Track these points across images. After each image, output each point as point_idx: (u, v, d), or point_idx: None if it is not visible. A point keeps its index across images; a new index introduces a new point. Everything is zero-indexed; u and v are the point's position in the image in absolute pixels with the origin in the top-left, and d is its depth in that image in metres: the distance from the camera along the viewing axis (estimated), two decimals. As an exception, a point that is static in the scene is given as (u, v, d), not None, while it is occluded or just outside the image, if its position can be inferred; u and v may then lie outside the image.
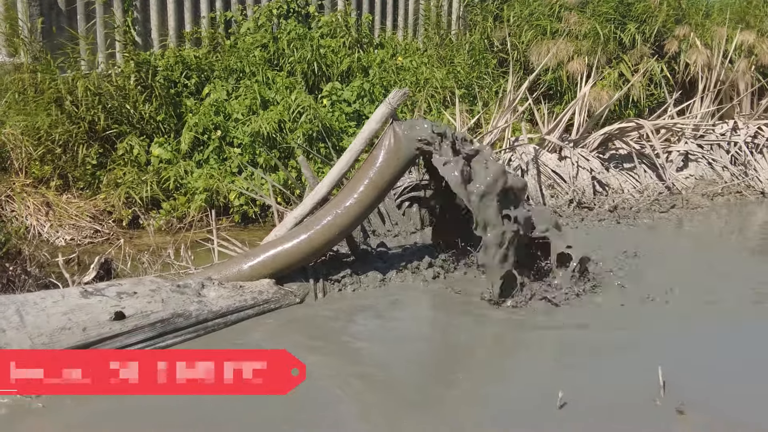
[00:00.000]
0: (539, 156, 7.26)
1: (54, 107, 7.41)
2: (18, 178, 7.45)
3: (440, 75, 9.26)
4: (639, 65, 9.50)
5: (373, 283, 5.21)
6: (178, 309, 4.42)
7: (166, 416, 3.62)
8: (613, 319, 4.91)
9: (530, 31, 9.62)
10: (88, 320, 4.07)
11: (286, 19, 9.21)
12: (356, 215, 5.03)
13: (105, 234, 7.34)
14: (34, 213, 7.28)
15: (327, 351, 4.49)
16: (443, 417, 3.74)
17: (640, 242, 6.24)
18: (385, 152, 5.01)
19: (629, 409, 3.83)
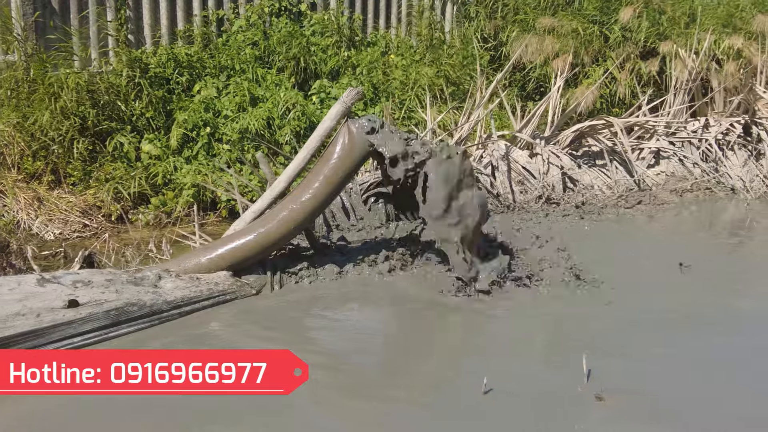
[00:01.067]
0: (510, 153, 7.36)
1: (46, 104, 7.61)
2: (10, 173, 7.68)
3: (430, 73, 9.36)
4: (626, 63, 9.56)
5: (330, 275, 5.35)
6: (133, 298, 4.58)
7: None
8: (549, 309, 5.05)
9: (515, 26, 9.69)
10: (42, 307, 4.25)
11: (278, 17, 9.37)
12: (311, 210, 5.18)
13: (93, 228, 7.54)
14: (24, 207, 7.51)
15: (278, 340, 4.63)
16: (375, 401, 3.91)
17: (597, 237, 6.40)
18: (339, 149, 5.15)
19: (550, 396, 3.95)
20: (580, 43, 9.54)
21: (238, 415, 3.72)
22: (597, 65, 9.76)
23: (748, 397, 4.01)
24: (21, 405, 3.72)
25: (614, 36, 9.62)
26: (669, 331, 4.78)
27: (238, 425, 3.66)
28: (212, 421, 3.68)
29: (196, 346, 4.45)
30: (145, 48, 8.77)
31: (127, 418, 3.69)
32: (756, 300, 5.46)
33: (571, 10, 9.96)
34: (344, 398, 3.97)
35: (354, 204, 6.44)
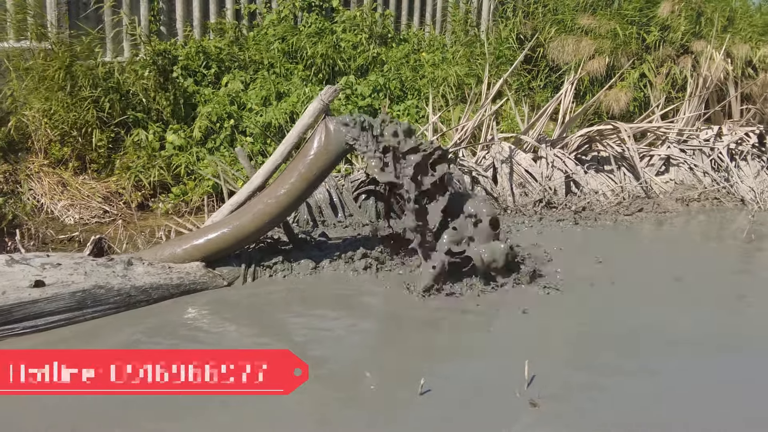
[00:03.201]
0: (514, 155, 7.28)
1: (75, 92, 7.87)
2: (37, 158, 7.97)
3: (461, 71, 9.32)
4: (662, 67, 9.34)
5: (305, 270, 5.42)
6: (101, 281, 4.73)
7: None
8: (511, 313, 5.02)
9: (553, 27, 9.57)
10: (8, 285, 4.42)
11: (309, 13, 9.47)
12: (286, 205, 5.25)
13: (113, 215, 7.76)
14: (48, 192, 7.78)
15: (243, 332, 4.80)
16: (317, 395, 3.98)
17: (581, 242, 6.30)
18: (316, 146, 5.21)
19: (487, 400, 3.96)
20: (618, 44, 9.35)
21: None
22: (633, 68, 9.56)
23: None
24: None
25: (651, 38, 9.41)
26: (628, 344, 4.69)
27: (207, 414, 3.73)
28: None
29: (161, 334, 4.60)
30: (175, 40, 8.98)
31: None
32: (744, 317, 5.28)
33: (611, 11, 9.77)
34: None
35: (345, 200, 6.48)
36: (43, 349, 4.25)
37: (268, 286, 5.30)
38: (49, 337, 4.44)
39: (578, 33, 9.59)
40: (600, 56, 9.31)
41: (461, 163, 7.16)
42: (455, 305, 5.02)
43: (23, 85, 7.92)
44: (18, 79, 7.95)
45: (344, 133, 5.17)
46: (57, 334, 4.48)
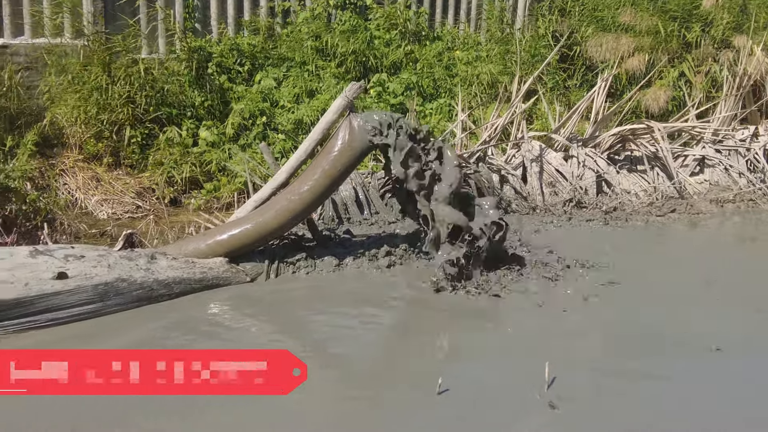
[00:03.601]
0: (544, 154, 7.18)
1: (111, 88, 7.96)
2: (72, 153, 8.08)
3: (495, 69, 9.25)
4: (702, 66, 9.17)
5: (328, 267, 5.40)
6: (123, 274, 4.76)
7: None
8: (527, 314, 4.97)
9: (591, 25, 9.44)
10: (30, 277, 4.46)
11: (342, 10, 9.46)
12: (309, 202, 5.24)
13: (145, 210, 7.83)
14: (82, 187, 7.89)
15: (264, 328, 4.81)
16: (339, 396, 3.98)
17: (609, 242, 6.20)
18: (340, 143, 5.19)
19: (505, 401, 3.91)
20: (658, 41, 9.20)
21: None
22: (672, 66, 9.40)
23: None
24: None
25: (692, 34, 9.24)
26: (653, 347, 4.59)
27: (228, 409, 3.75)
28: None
29: (182, 329, 4.62)
30: (210, 37, 9.04)
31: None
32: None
33: (653, 5, 9.62)
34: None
35: (371, 198, 6.46)
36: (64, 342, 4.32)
37: (291, 282, 5.29)
38: (71, 330, 4.49)
39: (617, 31, 9.44)
40: (639, 54, 9.16)
41: (490, 162, 7.09)
42: (476, 305, 4.97)
43: (59, 81, 8.03)
44: (54, 75, 8.06)
45: (368, 130, 5.13)
46: (79, 327, 4.52)
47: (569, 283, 5.37)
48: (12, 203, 6.46)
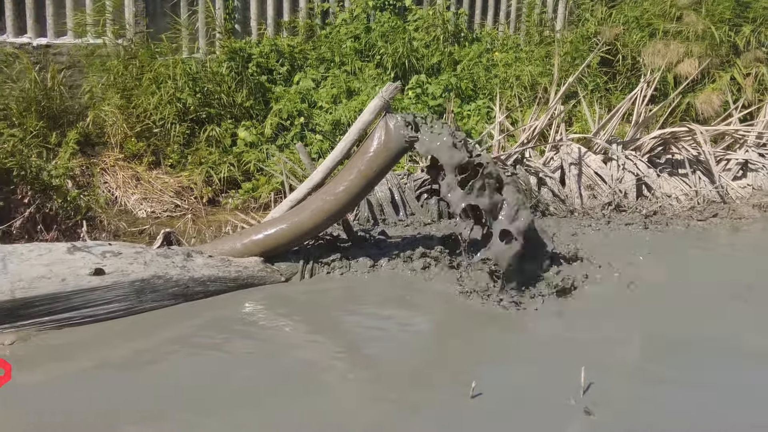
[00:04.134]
0: (584, 157, 7.09)
1: (152, 89, 8.05)
2: (113, 152, 8.18)
3: (535, 72, 9.18)
4: (750, 69, 9.02)
5: (363, 268, 5.38)
6: (159, 271, 4.78)
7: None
8: (566, 319, 4.91)
9: (640, 32, 9.35)
10: (68, 272, 4.50)
11: (381, 11, 9.46)
12: (345, 202, 5.22)
13: (184, 209, 7.90)
14: (122, 185, 7.98)
15: (299, 328, 4.84)
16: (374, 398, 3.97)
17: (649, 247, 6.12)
18: (376, 144, 5.17)
19: (539, 406, 3.87)
20: (708, 46, 9.08)
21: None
22: (723, 70, 9.26)
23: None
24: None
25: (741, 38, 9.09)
26: (692, 354, 4.51)
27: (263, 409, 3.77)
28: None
29: (215, 327, 4.65)
30: (250, 38, 9.09)
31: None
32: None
33: (703, 10, 9.49)
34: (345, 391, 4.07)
35: (407, 199, 6.43)
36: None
37: (325, 283, 5.28)
38: (106, 327, 4.52)
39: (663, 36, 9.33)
40: (689, 59, 9.04)
41: (527, 164, 7.03)
42: (511, 309, 4.90)
43: (102, 81, 8.14)
44: (97, 75, 8.17)
45: (404, 131, 5.11)
46: (114, 324, 4.56)
47: (607, 287, 5.29)
48: (53, 201, 6.54)
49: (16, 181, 6.27)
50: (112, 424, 3.58)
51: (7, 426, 3.55)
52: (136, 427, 3.57)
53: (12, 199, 6.06)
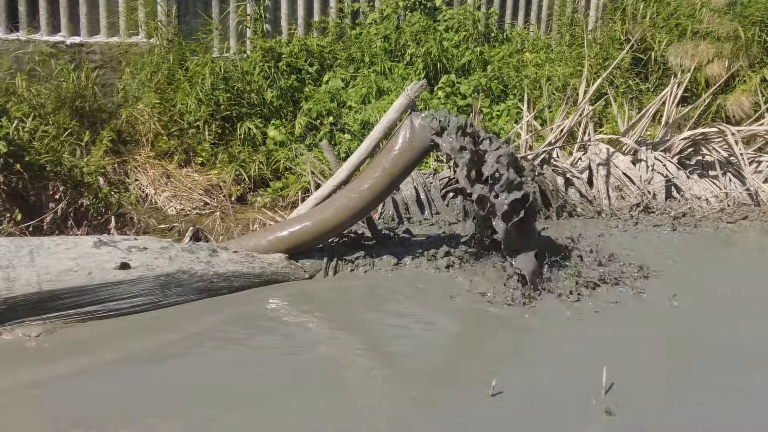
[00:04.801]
0: (612, 158, 7.04)
1: (185, 88, 8.13)
2: (144, 150, 8.27)
3: (566, 72, 9.13)
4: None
5: (386, 266, 5.40)
6: (184, 266, 4.83)
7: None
8: (590, 320, 4.87)
9: (668, 32, 9.25)
10: (94, 266, 4.57)
11: (412, 12, 9.46)
12: (369, 200, 5.24)
13: (213, 207, 7.96)
14: (153, 183, 8.07)
15: (322, 325, 4.87)
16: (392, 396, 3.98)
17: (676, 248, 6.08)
18: (401, 142, 5.18)
19: (559, 405, 3.87)
20: (738, 47, 8.97)
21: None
22: (754, 71, 9.13)
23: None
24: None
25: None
26: (717, 358, 4.45)
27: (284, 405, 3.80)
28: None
29: (239, 323, 4.69)
30: (280, 37, 9.15)
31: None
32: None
33: (732, 11, 9.37)
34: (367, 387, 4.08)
35: (432, 198, 6.43)
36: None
37: (349, 280, 5.31)
38: (131, 320, 4.59)
39: (694, 37, 9.23)
40: (719, 60, 8.93)
41: (555, 164, 6.99)
42: (534, 308, 4.90)
43: (136, 80, 8.23)
44: (130, 73, 8.27)
45: (429, 130, 5.11)
46: (139, 318, 4.63)
47: (632, 288, 5.25)
48: (84, 197, 6.63)
49: (48, 177, 6.36)
50: (134, 417, 3.62)
51: (30, 418, 3.61)
52: (157, 421, 3.61)
53: (43, 195, 6.13)
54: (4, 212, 5.72)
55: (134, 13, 8.49)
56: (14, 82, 7.83)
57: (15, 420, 3.54)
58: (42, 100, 7.75)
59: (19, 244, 4.57)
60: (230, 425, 3.60)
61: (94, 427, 3.50)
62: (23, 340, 4.27)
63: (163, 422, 3.59)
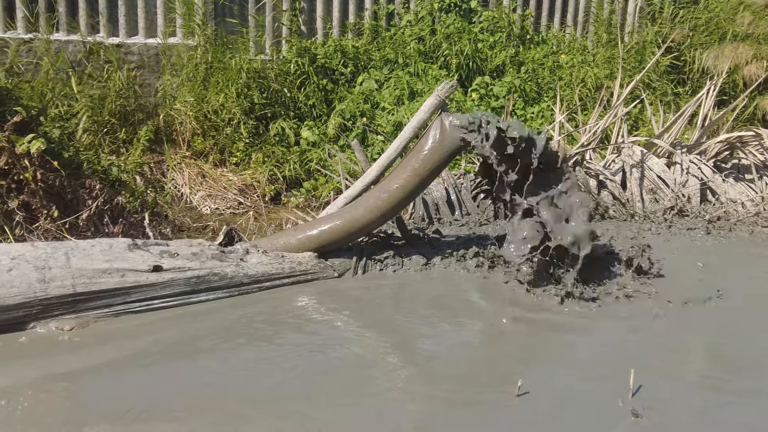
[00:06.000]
0: (646, 160, 6.97)
1: (220, 87, 8.23)
2: (181, 150, 8.40)
3: (600, 74, 9.08)
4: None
5: (415, 266, 5.41)
6: (215, 269, 4.91)
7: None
8: (615, 321, 4.85)
9: (708, 35, 9.16)
10: (127, 268, 4.66)
11: (447, 13, 9.47)
12: (398, 200, 5.25)
13: (247, 206, 8.06)
14: (188, 182, 8.18)
15: (349, 323, 4.84)
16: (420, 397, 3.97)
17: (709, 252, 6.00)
18: (431, 142, 5.19)
19: (585, 406, 3.83)
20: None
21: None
22: (793, 74, 9.02)
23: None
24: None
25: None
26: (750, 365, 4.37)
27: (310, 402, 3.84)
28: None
29: (267, 321, 4.72)
30: (315, 38, 9.22)
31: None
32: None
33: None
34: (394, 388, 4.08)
35: (463, 199, 6.43)
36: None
37: (378, 279, 5.32)
38: (161, 314, 4.67)
39: (733, 39, 9.12)
40: (757, 61, 8.82)
41: (587, 166, 6.95)
42: (562, 310, 4.88)
43: (175, 80, 8.35)
44: (168, 74, 8.40)
45: (460, 130, 5.12)
46: (169, 312, 4.70)
47: (664, 291, 5.20)
48: (121, 195, 6.74)
49: (86, 174, 6.48)
50: (161, 411, 3.66)
51: (58, 411, 3.66)
52: (184, 415, 3.64)
53: (80, 192, 6.25)
54: (41, 209, 5.83)
55: (172, 14, 8.61)
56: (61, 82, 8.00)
57: (43, 413, 3.60)
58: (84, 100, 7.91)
59: (55, 246, 4.65)
60: (255, 421, 3.63)
61: (122, 420, 3.54)
62: (56, 334, 4.35)
63: (189, 416, 3.62)
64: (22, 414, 3.57)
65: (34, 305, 4.38)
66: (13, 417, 3.54)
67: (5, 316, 4.32)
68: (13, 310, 4.33)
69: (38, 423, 3.51)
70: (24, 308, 4.36)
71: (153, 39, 8.58)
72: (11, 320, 4.35)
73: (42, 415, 3.58)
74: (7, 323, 4.33)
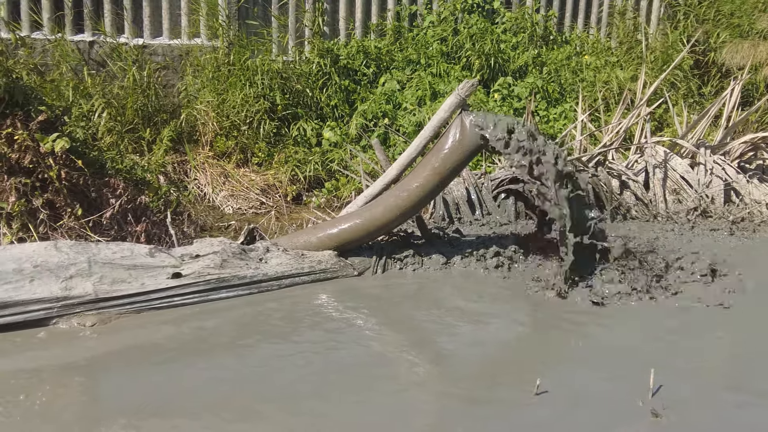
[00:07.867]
0: (669, 160, 6.91)
1: (240, 86, 8.28)
2: (203, 150, 8.44)
3: (625, 75, 9.02)
4: None
5: (435, 265, 5.40)
6: (235, 270, 4.94)
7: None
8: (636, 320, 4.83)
9: (727, 31, 9.06)
10: (147, 276, 4.71)
11: (470, 14, 9.45)
12: (418, 199, 5.25)
13: (269, 206, 8.08)
14: (211, 182, 8.23)
15: (368, 320, 4.85)
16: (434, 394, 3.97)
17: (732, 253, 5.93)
18: (451, 141, 5.18)
19: (605, 405, 3.82)
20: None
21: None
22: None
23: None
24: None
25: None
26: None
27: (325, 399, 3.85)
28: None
29: (285, 318, 4.75)
30: (338, 39, 9.24)
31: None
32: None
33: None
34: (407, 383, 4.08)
35: (483, 199, 6.41)
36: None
37: (398, 278, 5.33)
38: (181, 311, 4.72)
39: (754, 37, 9.02)
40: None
41: (610, 166, 6.91)
42: (582, 309, 4.85)
43: (198, 81, 8.41)
44: (191, 75, 8.45)
45: (480, 130, 5.11)
46: (188, 309, 4.76)
47: (686, 292, 5.16)
48: (144, 194, 6.78)
49: (110, 173, 6.53)
50: (176, 407, 3.69)
51: (75, 405, 3.70)
52: (200, 410, 3.66)
53: (104, 191, 6.29)
54: (65, 207, 5.88)
55: (196, 16, 8.66)
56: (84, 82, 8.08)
57: (61, 408, 3.64)
58: (108, 99, 7.98)
59: (78, 251, 4.69)
60: (269, 418, 3.64)
61: (138, 415, 3.57)
62: (77, 330, 4.40)
63: (204, 412, 3.64)
64: (39, 409, 3.61)
65: (54, 308, 4.47)
66: (31, 412, 3.58)
67: (26, 316, 4.41)
68: (34, 312, 4.43)
69: (56, 418, 3.55)
70: (45, 311, 4.46)
71: (177, 40, 8.64)
72: (32, 319, 4.43)
73: (59, 410, 3.62)
74: (29, 320, 4.42)
